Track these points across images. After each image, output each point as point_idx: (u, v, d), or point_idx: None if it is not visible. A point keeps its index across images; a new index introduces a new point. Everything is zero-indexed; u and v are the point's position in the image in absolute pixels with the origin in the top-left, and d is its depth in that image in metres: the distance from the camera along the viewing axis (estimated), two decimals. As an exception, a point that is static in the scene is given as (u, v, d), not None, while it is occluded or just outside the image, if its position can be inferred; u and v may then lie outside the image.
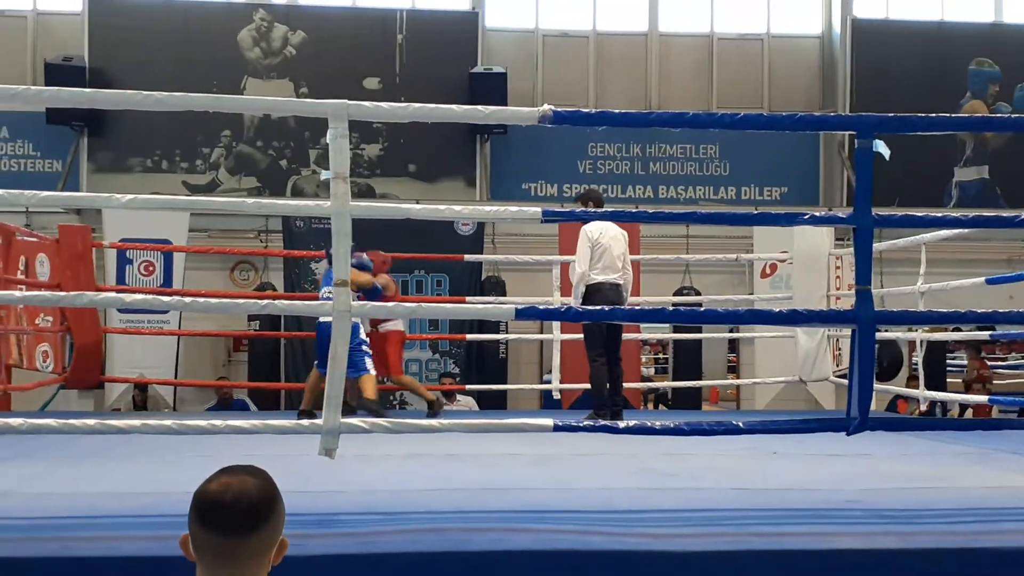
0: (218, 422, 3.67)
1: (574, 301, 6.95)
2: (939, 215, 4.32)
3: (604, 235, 6.91)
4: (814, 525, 3.40)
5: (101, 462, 4.93)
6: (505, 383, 11.24)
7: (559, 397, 9.79)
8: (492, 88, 12.65)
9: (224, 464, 1.92)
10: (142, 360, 10.44)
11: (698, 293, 11.22)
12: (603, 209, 7.06)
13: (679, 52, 14.30)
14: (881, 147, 3.76)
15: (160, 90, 3.86)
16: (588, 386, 9.07)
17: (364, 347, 7.45)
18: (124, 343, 10.52)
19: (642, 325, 9.38)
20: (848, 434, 3.87)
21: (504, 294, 11.15)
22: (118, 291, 9.01)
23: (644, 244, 10.15)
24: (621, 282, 6.94)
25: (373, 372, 7.41)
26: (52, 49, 13.10)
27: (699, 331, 10.74)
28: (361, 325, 7.48)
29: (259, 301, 3.86)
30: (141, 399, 11.05)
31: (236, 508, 1.82)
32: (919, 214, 4.22)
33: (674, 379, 11.65)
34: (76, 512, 3.47)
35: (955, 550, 3.13)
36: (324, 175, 3.63)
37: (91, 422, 3.78)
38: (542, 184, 13.81)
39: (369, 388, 7.34)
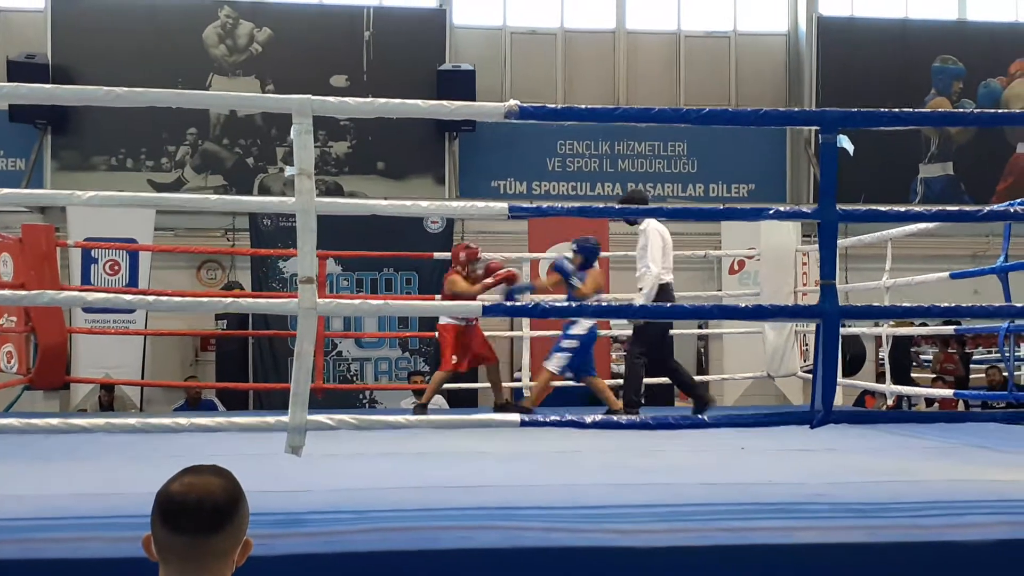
0: (183, 420, 3.64)
1: (645, 300, 6.76)
2: (902, 210, 4.37)
3: (667, 233, 6.90)
4: (781, 519, 3.41)
5: (65, 463, 4.88)
6: (476, 381, 11.21)
7: (529, 393, 9.78)
8: (460, 85, 12.62)
9: (191, 463, 1.90)
10: (108, 360, 10.35)
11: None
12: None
13: (647, 49, 14.34)
14: (845, 142, 3.79)
15: (124, 87, 3.82)
16: (559, 384, 9.06)
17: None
18: (90, 343, 10.42)
19: (612, 322, 9.40)
20: (812, 427, 3.90)
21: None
22: (82, 291, 8.92)
23: (612, 241, 10.17)
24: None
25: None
26: (14, 47, 12.92)
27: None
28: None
29: (224, 299, 3.83)
30: (108, 400, 10.95)
31: (199, 508, 1.81)
32: (883, 209, 4.26)
33: (649, 375, 11.66)
34: (38, 513, 3.43)
35: (921, 543, 3.15)
36: (289, 171, 3.61)
37: (54, 421, 3.75)
38: (511, 182, 13.80)
39: (603, 389, 7.45)
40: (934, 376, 12.22)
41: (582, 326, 7.27)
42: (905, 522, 3.36)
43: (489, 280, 7.67)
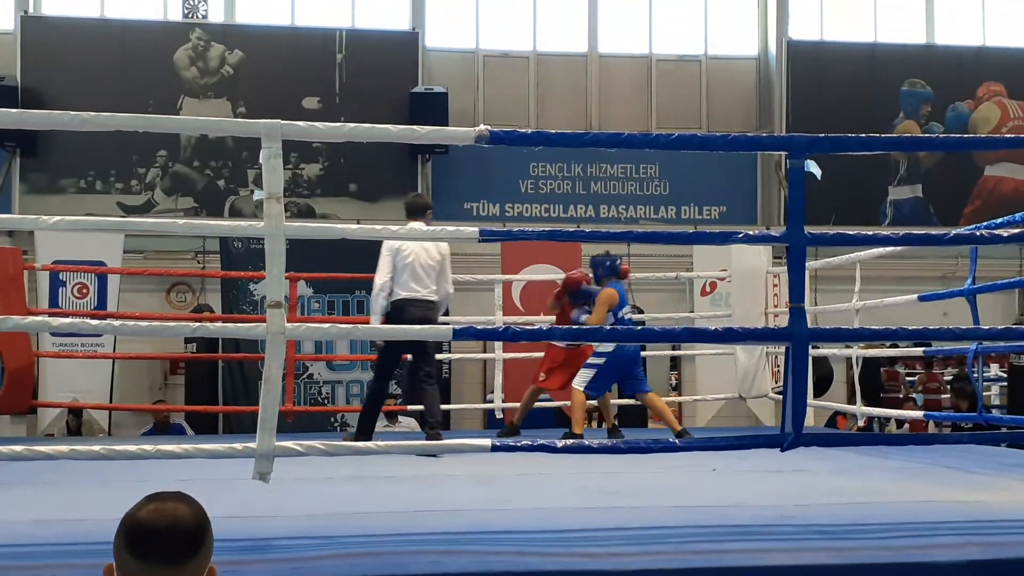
0: (148, 447, 3.61)
1: (373, 317, 6.71)
2: (870, 233, 4.40)
3: (405, 247, 6.64)
4: (751, 541, 3.40)
5: (29, 489, 4.81)
6: (448, 403, 11.18)
7: (502, 416, 9.76)
8: (433, 108, 12.65)
9: (157, 489, 1.88)
10: (76, 384, 10.22)
11: (640, 311, 11.28)
12: (417, 221, 6.77)
13: (618, 73, 14.43)
14: (813, 167, 3.81)
15: (95, 110, 3.80)
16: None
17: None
18: (57, 367, 10.29)
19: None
20: (782, 450, 3.90)
21: (447, 313, 11.11)
22: (49, 314, 8.83)
23: (585, 264, 10.19)
24: (433, 298, 6.69)
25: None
26: (-16, 69, 12.86)
27: (642, 349, 10.78)
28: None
29: (191, 324, 3.82)
30: (75, 424, 10.81)
31: (173, 535, 1.78)
32: (851, 232, 4.29)
33: (618, 397, 11.67)
34: (0, 540, 3.38)
35: (890, 565, 3.16)
36: (258, 195, 3.59)
37: (18, 448, 3.70)
38: (484, 204, 13.82)
39: (662, 409, 7.33)
40: (903, 397, 12.31)
41: (609, 345, 7.14)
42: (874, 543, 3.36)
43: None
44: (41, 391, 9.94)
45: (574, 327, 6.85)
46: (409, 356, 6.94)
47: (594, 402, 7.81)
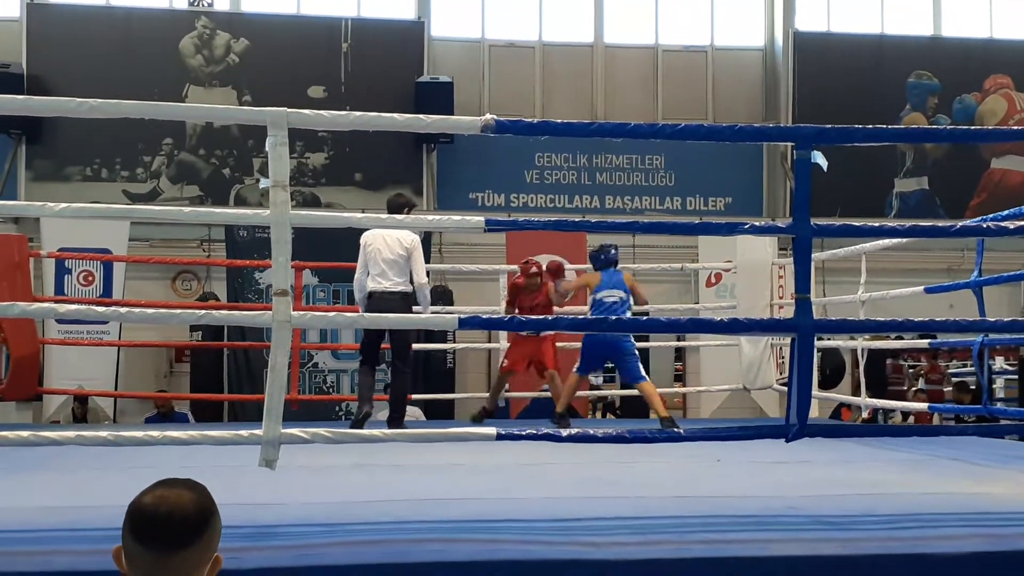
0: (155, 433, 3.61)
1: (361, 309, 6.99)
2: (876, 225, 4.37)
3: (370, 242, 6.86)
4: (755, 532, 3.40)
5: (36, 475, 4.83)
6: (452, 392, 11.20)
7: (504, 406, 9.78)
8: (438, 97, 12.64)
9: (162, 476, 1.88)
10: (81, 371, 10.24)
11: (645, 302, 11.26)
12: (413, 214, 7.01)
13: (624, 63, 14.40)
14: (819, 158, 3.80)
15: (100, 97, 3.80)
16: (535, 395, 9.02)
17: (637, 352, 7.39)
18: (63, 354, 10.32)
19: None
20: (787, 441, 3.90)
21: (451, 304, 11.13)
22: (55, 301, 8.85)
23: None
24: (398, 290, 6.81)
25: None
26: (-11, 56, 12.87)
27: (646, 340, 10.78)
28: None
29: (197, 311, 3.83)
30: (80, 411, 10.85)
31: (171, 522, 1.79)
32: (857, 224, 4.28)
33: (622, 387, 11.68)
34: (8, 526, 3.38)
35: (894, 556, 3.15)
36: (263, 183, 3.59)
37: (25, 434, 3.71)
38: (489, 194, 13.81)
39: (654, 399, 7.32)
40: (915, 389, 12.33)
41: None
42: (879, 534, 3.36)
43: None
44: (46, 378, 9.96)
45: (578, 318, 6.85)
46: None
47: (600, 391, 7.82)
